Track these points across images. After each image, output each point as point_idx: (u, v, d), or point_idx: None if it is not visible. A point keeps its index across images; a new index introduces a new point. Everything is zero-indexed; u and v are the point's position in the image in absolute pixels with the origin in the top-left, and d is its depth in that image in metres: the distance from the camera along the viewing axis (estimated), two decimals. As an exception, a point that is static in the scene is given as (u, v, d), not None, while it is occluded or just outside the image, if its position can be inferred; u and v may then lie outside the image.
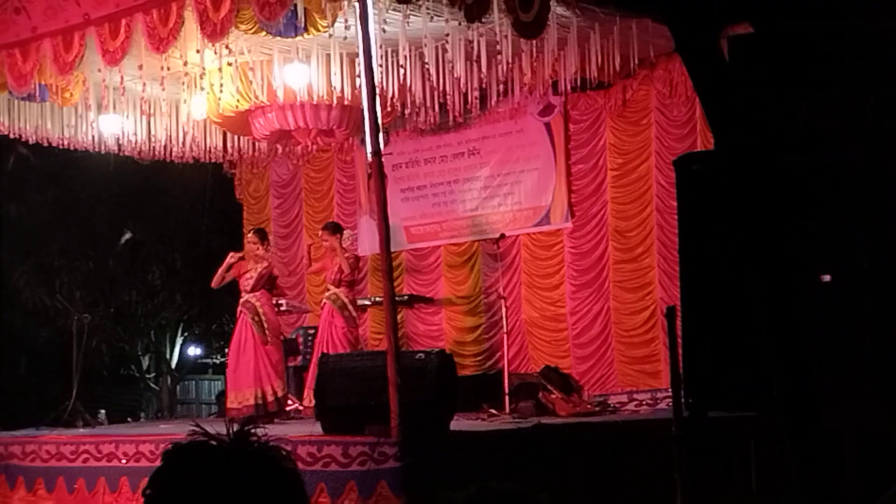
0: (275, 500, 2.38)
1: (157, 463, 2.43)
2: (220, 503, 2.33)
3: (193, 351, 24.26)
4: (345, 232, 14.49)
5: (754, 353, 6.57)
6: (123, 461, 11.42)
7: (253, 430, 2.42)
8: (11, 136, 14.50)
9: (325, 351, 13.02)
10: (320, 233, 14.64)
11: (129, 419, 18.26)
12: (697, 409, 7.57)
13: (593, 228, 15.09)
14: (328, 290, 14.15)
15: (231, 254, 14.26)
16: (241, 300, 13.88)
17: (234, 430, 2.41)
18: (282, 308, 15.10)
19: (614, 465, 10.53)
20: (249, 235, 14.35)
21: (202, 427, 2.44)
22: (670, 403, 9.29)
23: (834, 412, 7.29)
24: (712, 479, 9.20)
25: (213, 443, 2.40)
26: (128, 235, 20.02)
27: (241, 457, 2.38)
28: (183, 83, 13.52)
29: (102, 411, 15.85)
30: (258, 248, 13.98)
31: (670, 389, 8.88)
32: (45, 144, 15.11)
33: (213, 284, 14.31)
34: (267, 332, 13.69)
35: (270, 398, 13.58)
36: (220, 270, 14.08)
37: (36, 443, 12.29)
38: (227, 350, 14.92)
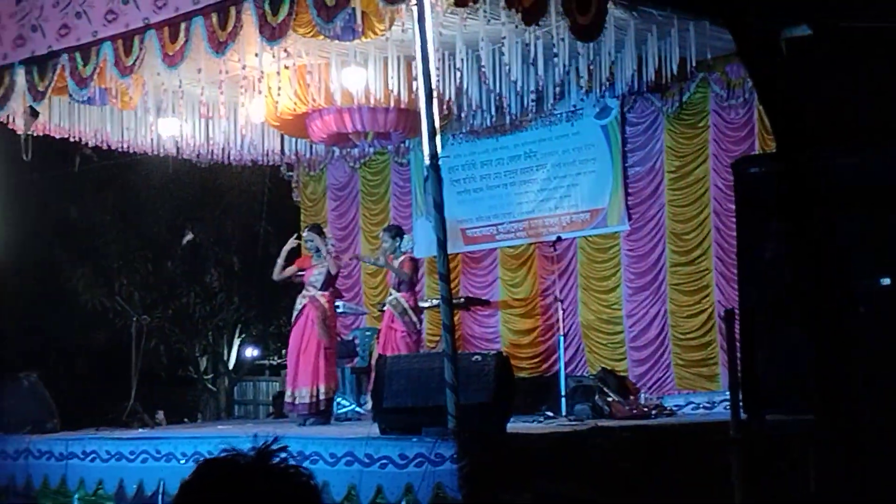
0: None
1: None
2: None
3: (250, 352, 24.39)
4: (405, 236, 14.38)
5: (813, 356, 6.55)
6: (182, 461, 11.52)
7: (276, 449, 2.49)
8: (71, 139, 14.67)
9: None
10: (380, 234, 14.65)
11: (185, 420, 18.39)
12: (755, 411, 7.54)
13: (650, 231, 15.07)
14: (390, 293, 14.13)
15: (291, 240, 14.23)
16: (308, 294, 13.76)
17: (259, 447, 2.49)
18: (338, 310, 15.12)
19: (671, 468, 10.51)
20: (306, 234, 14.28)
21: (233, 446, 2.52)
22: (727, 406, 9.26)
23: (888, 416, 7.25)
24: (770, 482, 9.17)
25: (238, 461, 2.47)
26: (189, 236, 20.16)
27: (266, 476, 2.45)
28: (241, 86, 13.63)
29: (161, 412, 15.97)
30: (318, 244, 13.93)
31: (727, 392, 8.86)
32: (105, 148, 15.28)
33: (274, 276, 14.26)
34: (328, 332, 13.71)
35: (323, 397, 13.57)
36: (279, 260, 14.04)
37: (96, 443, 12.42)
38: (285, 349, 14.90)
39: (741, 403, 7.77)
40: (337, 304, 14.90)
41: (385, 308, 14.20)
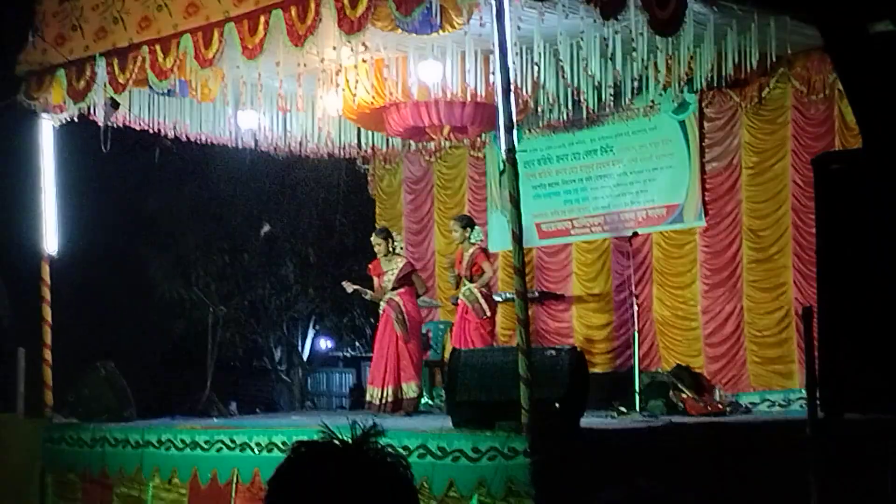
0: None
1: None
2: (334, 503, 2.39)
3: (325, 344, 24.50)
4: (476, 227, 14.37)
5: (894, 356, 6.47)
6: (256, 451, 11.58)
7: (375, 436, 2.48)
8: (151, 131, 14.80)
9: (458, 346, 13.07)
10: (450, 223, 14.71)
11: (257, 410, 18.49)
12: (833, 410, 7.45)
13: (727, 227, 14.96)
14: (464, 284, 14.14)
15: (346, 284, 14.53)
16: (386, 298, 13.97)
17: (358, 434, 2.48)
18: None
19: (746, 466, 10.43)
20: (372, 238, 14.40)
21: (329, 428, 2.51)
22: (804, 405, 9.18)
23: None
24: (847, 482, 9.08)
25: (337, 444, 2.47)
26: (267, 228, 20.30)
27: (362, 462, 2.44)
28: (319, 80, 13.67)
29: (234, 403, 16.07)
30: (384, 247, 14.05)
31: (804, 390, 8.78)
32: (184, 139, 15.39)
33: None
34: (408, 329, 13.81)
35: (407, 396, 13.68)
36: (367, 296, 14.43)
37: (171, 432, 12.52)
38: (363, 344, 15.03)
39: (818, 402, 7.70)
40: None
41: (458, 301, 14.23)
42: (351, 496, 2.40)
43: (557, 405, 9.96)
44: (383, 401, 13.63)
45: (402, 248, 14.61)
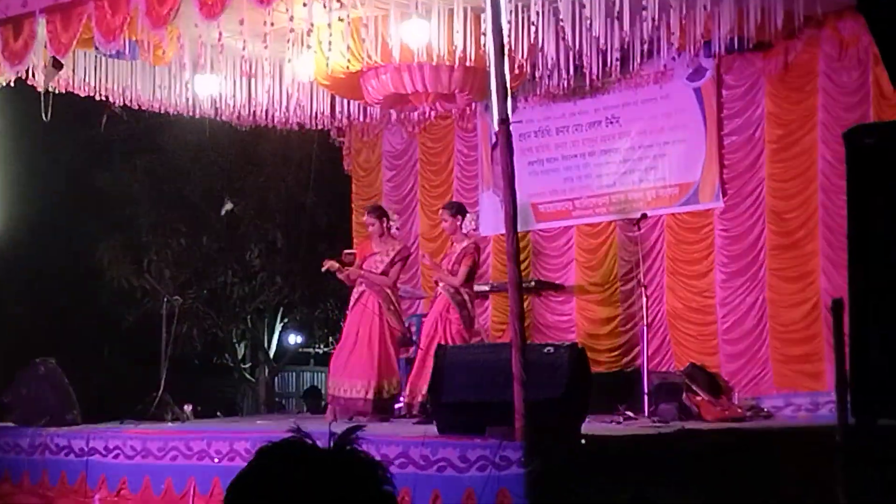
0: None
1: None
2: None
3: (294, 339, 24.54)
4: (468, 215, 14.30)
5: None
6: (216, 460, 11.57)
7: (356, 440, 2.46)
8: (98, 97, 14.75)
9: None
10: (440, 212, 14.64)
11: (217, 413, 18.48)
12: (866, 415, 7.47)
13: (748, 209, 14.99)
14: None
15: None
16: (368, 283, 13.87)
17: (337, 435, 2.45)
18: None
19: (768, 478, 10.46)
20: (365, 217, 14.33)
21: (301, 429, 2.48)
22: (833, 409, 9.19)
23: None
24: (881, 496, 9.10)
25: (311, 446, 2.44)
26: (228, 206, 20.27)
27: (335, 465, 2.41)
28: (288, 40, 13.59)
29: (188, 406, 16.04)
30: (379, 227, 13.97)
31: (833, 393, 8.78)
32: (135, 107, 15.36)
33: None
34: (398, 318, 13.78)
35: (387, 395, 13.66)
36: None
37: (120, 438, 12.50)
38: (337, 339, 14.95)
39: (850, 406, 7.71)
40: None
41: (438, 293, 14.08)
42: (321, 502, 2.37)
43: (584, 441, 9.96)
44: (364, 397, 13.57)
45: (397, 230, 14.55)
